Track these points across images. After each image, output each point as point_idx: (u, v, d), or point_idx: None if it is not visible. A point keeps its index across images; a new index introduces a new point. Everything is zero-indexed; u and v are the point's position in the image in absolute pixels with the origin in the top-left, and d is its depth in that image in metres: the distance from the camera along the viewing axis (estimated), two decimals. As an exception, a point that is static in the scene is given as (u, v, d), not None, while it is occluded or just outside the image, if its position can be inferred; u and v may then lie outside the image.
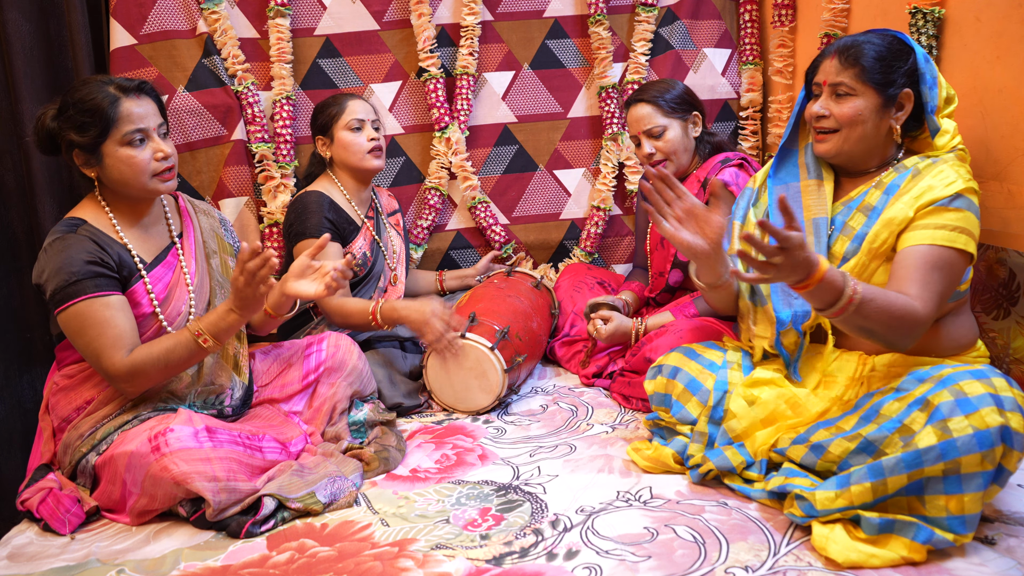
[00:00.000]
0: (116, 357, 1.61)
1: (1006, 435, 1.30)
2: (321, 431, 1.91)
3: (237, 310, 1.67)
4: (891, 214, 1.55)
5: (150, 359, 1.63)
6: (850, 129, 1.60)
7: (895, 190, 1.58)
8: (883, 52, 1.58)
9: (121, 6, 2.50)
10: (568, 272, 2.69)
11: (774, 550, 1.40)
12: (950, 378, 1.38)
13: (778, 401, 1.62)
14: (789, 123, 1.77)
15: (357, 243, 2.30)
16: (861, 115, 1.59)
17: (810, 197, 1.70)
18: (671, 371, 1.77)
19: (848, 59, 1.59)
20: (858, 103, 1.59)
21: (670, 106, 2.23)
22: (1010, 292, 1.81)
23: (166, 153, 1.70)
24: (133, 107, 1.67)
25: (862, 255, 1.58)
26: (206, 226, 1.91)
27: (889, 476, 1.35)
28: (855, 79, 1.58)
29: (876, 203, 1.60)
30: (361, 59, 2.75)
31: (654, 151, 2.23)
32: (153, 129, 1.70)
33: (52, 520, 1.60)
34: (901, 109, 1.59)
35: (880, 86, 1.57)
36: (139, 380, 1.64)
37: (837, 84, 1.60)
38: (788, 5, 2.68)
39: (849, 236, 1.62)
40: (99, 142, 1.65)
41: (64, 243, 1.63)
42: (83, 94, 1.66)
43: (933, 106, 1.58)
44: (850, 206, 1.65)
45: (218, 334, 1.67)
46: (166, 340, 1.66)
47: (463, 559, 1.43)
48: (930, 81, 1.58)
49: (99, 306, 1.62)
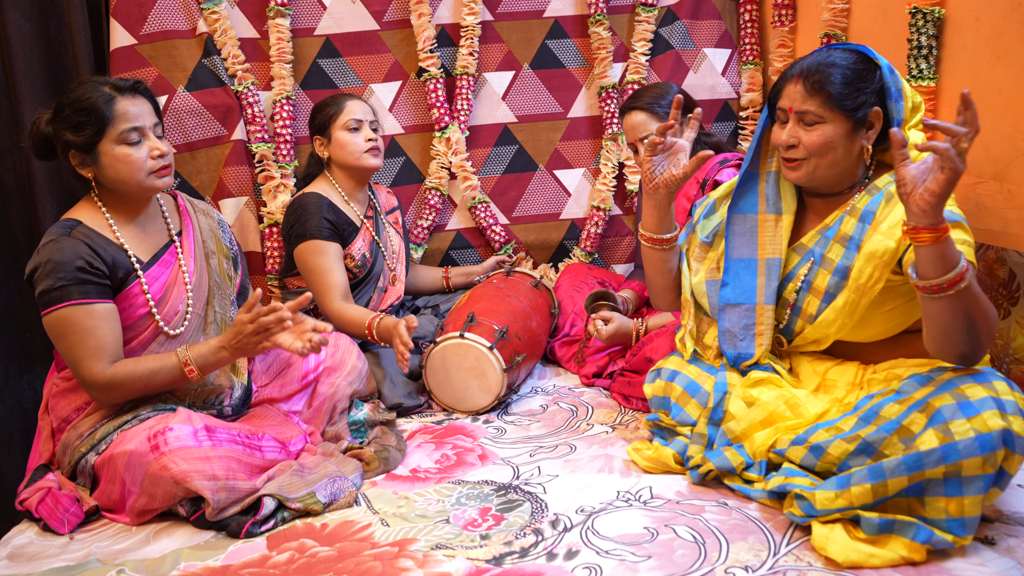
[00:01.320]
0: (96, 367, 1.61)
1: (1008, 439, 1.30)
2: (321, 431, 1.91)
3: (230, 350, 1.68)
4: (872, 247, 1.49)
5: (131, 376, 1.64)
6: (820, 157, 1.54)
7: (871, 217, 1.52)
8: (849, 75, 1.51)
9: (121, 6, 2.50)
10: (568, 272, 2.69)
11: (774, 550, 1.40)
12: (951, 382, 1.38)
13: (777, 402, 1.61)
14: (751, 147, 1.71)
15: (356, 244, 2.30)
16: (831, 142, 1.52)
17: (766, 234, 1.67)
18: (670, 374, 1.77)
19: (814, 86, 1.51)
20: (827, 130, 1.52)
21: (665, 111, 2.19)
22: (1010, 292, 1.80)
23: (162, 151, 1.70)
24: (128, 106, 1.68)
25: (850, 292, 1.53)
26: (205, 226, 1.91)
27: (890, 478, 1.35)
28: (822, 106, 1.51)
29: (853, 233, 1.54)
30: (361, 59, 2.75)
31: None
32: (149, 128, 1.70)
33: (51, 520, 1.60)
34: (871, 128, 1.53)
35: (849, 111, 1.51)
36: (116, 393, 1.65)
37: (804, 112, 1.53)
38: (788, 5, 2.68)
39: (829, 270, 1.58)
40: (95, 141, 1.66)
41: (57, 246, 1.63)
42: (78, 94, 1.66)
43: (899, 120, 1.53)
44: (827, 236, 1.59)
45: (205, 367, 1.68)
46: (151, 362, 1.66)
47: (463, 559, 1.43)
48: (895, 94, 1.52)
49: (83, 314, 1.62)
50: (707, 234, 1.79)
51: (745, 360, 1.68)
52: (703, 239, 1.79)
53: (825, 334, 1.61)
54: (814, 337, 1.64)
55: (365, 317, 2.14)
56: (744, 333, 1.68)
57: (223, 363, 1.71)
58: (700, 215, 1.82)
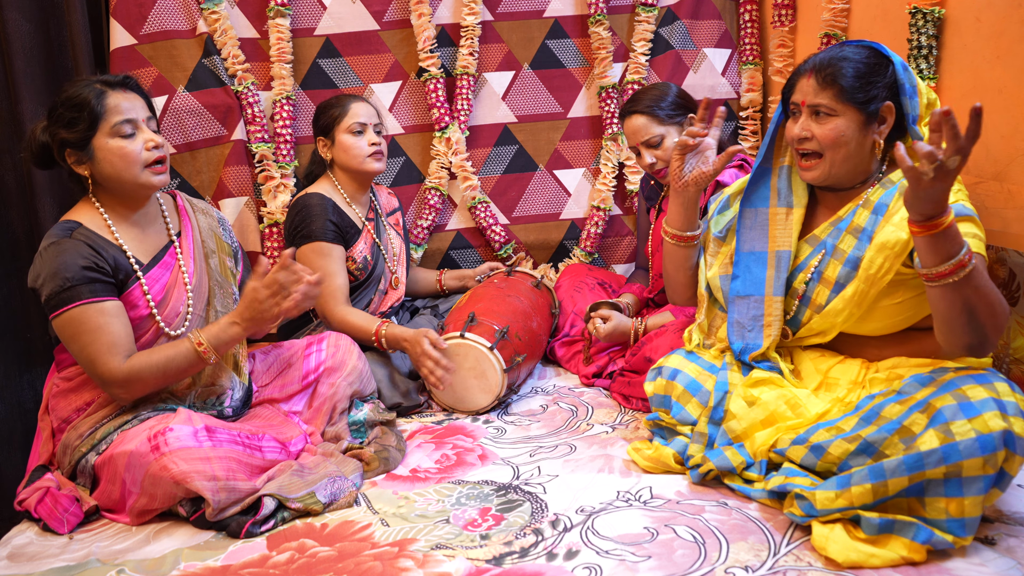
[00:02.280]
0: (112, 363, 1.61)
1: (1009, 440, 1.30)
2: (321, 431, 1.91)
3: (242, 323, 1.68)
4: (884, 238, 1.51)
5: (148, 367, 1.63)
6: (834, 151, 1.57)
7: (884, 210, 1.55)
8: (861, 69, 1.54)
9: (121, 6, 2.50)
10: (568, 272, 2.69)
11: (774, 550, 1.40)
12: (952, 382, 1.38)
13: (778, 402, 1.62)
14: (764, 142, 1.74)
15: (358, 247, 2.30)
16: (844, 136, 1.55)
17: (777, 227, 1.69)
18: (671, 373, 1.77)
19: (826, 79, 1.54)
20: (839, 123, 1.55)
21: (665, 113, 2.18)
22: (1010, 292, 1.80)
23: (157, 142, 1.70)
24: (120, 99, 1.68)
25: (860, 282, 1.55)
26: (204, 225, 1.91)
27: (890, 478, 1.35)
28: (835, 99, 1.54)
29: (866, 224, 1.56)
30: (361, 59, 2.75)
31: (655, 160, 2.19)
32: (142, 120, 1.71)
33: (50, 519, 1.60)
34: (884, 123, 1.55)
35: (861, 104, 1.54)
36: (135, 387, 1.65)
37: (816, 105, 1.56)
38: (788, 5, 2.68)
39: (840, 260, 1.59)
40: (89, 136, 1.66)
41: (59, 248, 1.63)
42: (70, 92, 1.67)
43: (914, 116, 1.54)
44: (839, 227, 1.62)
45: (219, 346, 1.69)
46: (167, 349, 1.66)
47: (463, 559, 1.43)
48: (909, 91, 1.54)
49: (94, 312, 1.62)
50: (720, 229, 1.82)
51: (753, 351, 1.69)
52: (716, 234, 1.82)
53: (832, 324, 1.63)
54: (820, 328, 1.65)
55: (371, 324, 2.14)
56: (752, 324, 1.71)
57: (236, 340, 1.70)
58: (715, 211, 1.85)
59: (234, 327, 1.69)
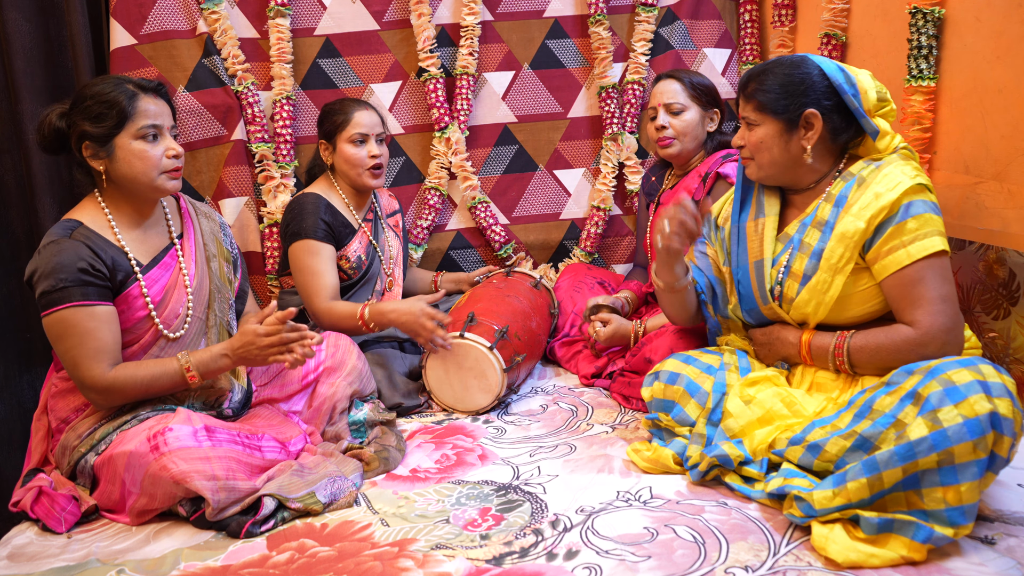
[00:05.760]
0: (96, 369, 1.62)
1: (995, 421, 1.31)
2: (321, 431, 1.91)
3: (232, 358, 1.70)
4: (843, 227, 1.59)
5: (132, 381, 1.64)
6: (759, 155, 1.70)
7: (844, 201, 1.62)
8: (781, 80, 1.65)
9: (121, 6, 2.50)
10: (568, 272, 2.69)
11: (774, 550, 1.40)
12: (938, 368, 1.39)
13: (774, 400, 1.63)
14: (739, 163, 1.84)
15: (352, 246, 2.29)
16: (764, 142, 1.68)
17: (753, 239, 1.77)
18: (669, 376, 1.78)
19: (748, 94, 1.70)
20: (759, 132, 1.69)
21: (696, 91, 2.29)
22: (1010, 292, 1.81)
23: (178, 152, 1.72)
24: (150, 104, 1.70)
25: (822, 272, 1.62)
26: (206, 229, 1.91)
27: (884, 470, 1.35)
28: (755, 111, 1.69)
29: (828, 217, 1.64)
30: (361, 59, 2.75)
31: (667, 126, 2.27)
32: (167, 128, 1.72)
33: (47, 519, 1.60)
34: (811, 128, 1.64)
35: (777, 113, 1.65)
36: (115, 397, 1.65)
37: (744, 117, 1.72)
38: (788, 5, 2.68)
39: (807, 253, 1.66)
40: (114, 133, 1.67)
41: (58, 247, 1.63)
42: (101, 88, 1.68)
43: (861, 110, 1.61)
44: (805, 222, 1.69)
45: (206, 374, 1.70)
46: (153, 367, 1.67)
47: (463, 559, 1.43)
48: (850, 89, 1.61)
49: (83, 315, 1.62)
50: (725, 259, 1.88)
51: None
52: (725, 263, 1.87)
53: (803, 315, 1.68)
54: (796, 320, 1.70)
55: (354, 308, 2.15)
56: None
57: (224, 370, 1.72)
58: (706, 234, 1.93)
59: (224, 359, 1.71)
